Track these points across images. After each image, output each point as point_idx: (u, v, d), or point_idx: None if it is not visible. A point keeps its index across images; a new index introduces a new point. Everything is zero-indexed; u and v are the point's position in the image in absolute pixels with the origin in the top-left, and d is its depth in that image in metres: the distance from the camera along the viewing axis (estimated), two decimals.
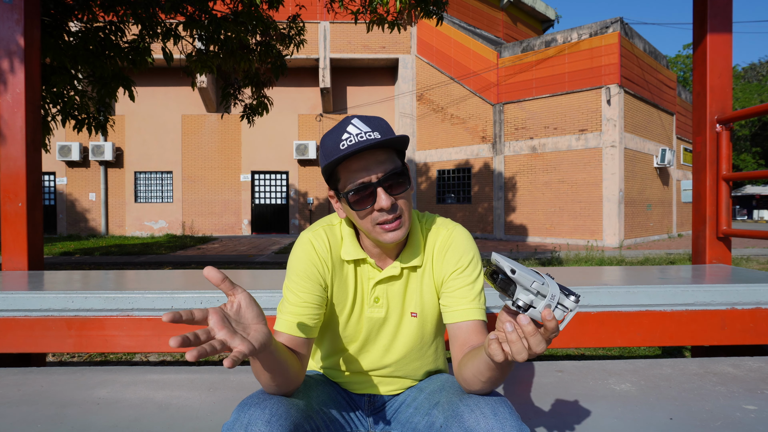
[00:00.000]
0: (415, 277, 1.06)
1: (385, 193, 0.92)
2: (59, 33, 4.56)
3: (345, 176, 0.94)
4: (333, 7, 5.53)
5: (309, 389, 1.01)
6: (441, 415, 0.91)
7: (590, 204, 12.07)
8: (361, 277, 1.05)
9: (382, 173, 0.93)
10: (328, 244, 1.03)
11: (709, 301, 1.69)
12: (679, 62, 35.45)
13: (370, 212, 0.95)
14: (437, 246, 1.05)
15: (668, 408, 1.24)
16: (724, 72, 2.44)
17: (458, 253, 1.03)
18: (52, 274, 2.16)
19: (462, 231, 1.07)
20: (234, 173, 15.95)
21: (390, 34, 10.83)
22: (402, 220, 0.96)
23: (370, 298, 1.04)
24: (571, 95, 12.34)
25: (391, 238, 0.95)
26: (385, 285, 1.04)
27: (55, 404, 1.30)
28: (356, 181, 0.93)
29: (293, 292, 1.00)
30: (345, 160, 0.92)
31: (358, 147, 0.88)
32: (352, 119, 0.94)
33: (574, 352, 3.27)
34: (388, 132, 0.95)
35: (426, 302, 1.06)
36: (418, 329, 1.06)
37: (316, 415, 0.95)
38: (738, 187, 32.38)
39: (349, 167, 0.93)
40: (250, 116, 6.32)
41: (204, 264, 8.37)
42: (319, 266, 1.02)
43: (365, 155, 0.92)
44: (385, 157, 0.94)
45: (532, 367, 1.56)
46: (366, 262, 1.04)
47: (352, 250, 1.03)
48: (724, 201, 2.39)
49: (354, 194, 0.93)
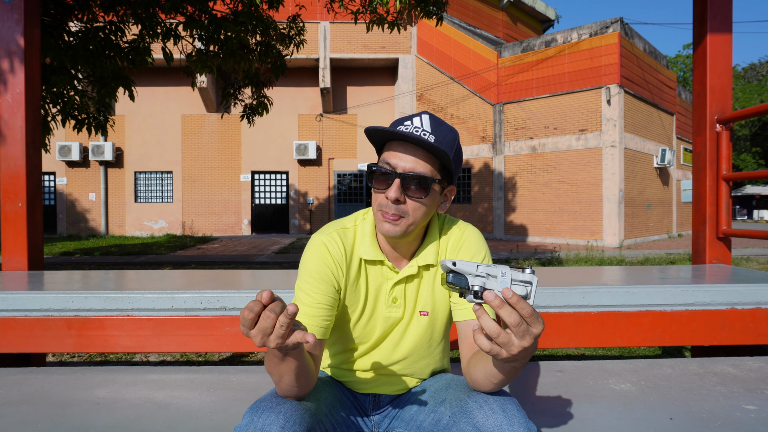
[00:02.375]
0: (428, 276, 1.06)
1: (399, 186, 0.93)
2: (59, 33, 4.56)
3: (385, 154, 0.98)
4: (333, 7, 5.53)
5: (318, 392, 1.01)
6: (448, 412, 0.91)
7: (590, 204, 12.07)
8: (375, 278, 1.05)
9: (409, 169, 0.94)
10: (342, 246, 1.03)
11: (709, 301, 1.69)
12: (679, 62, 35.44)
13: (380, 193, 0.97)
14: (450, 245, 1.07)
15: (668, 408, 1.24)
16: (724, 72, 2.44)
17: (470, 251, 1.05)
18: (52, 274, 2.16)
19: (473, 231, 1.08)
20: (234, 173, 15.95)
21: (390, 34, 10.82)
22: (402, 220, 0.96)
23: (389, 298, 1.05)
24: (571, 95, 12.33)
25: (385, 230, 0.96)
26: (403, 285, 1.05)
27: (55, 404, 1.29)
28: (386, 162, 0.96)
29: (306, 293, 0.99)
30: (394, 140, 0.97)
31: (406, 135, 0.91)
32: (425, 114, 0.97)
33: (574, 352, 3.27)
34: (444, 144, 0.94)
35: (437, 300, 1.06)
36: (428, 327, 1.07)
37: (326, 419, 0.95)
38: (738, 187, 32.37)
39: (392, 148, 0.97)
40: (250, 116, 6.32)
41: (204, 264, 8.37)
42: (333, 268, 1.01)
43: (409, 147, 0.95)
44: (426, 161, 0.95)
45: (532, 367, 1.56)
46: (383, 264, 1.05)
47: (371, 250, 1.03)
48: (724, 201, 2.39)
49: (378, 170, 0.96)
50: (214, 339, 1.65)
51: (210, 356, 3.23)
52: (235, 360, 3.15)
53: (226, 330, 1.65)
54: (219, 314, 1.65)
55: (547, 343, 1.69)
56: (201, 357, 3.21)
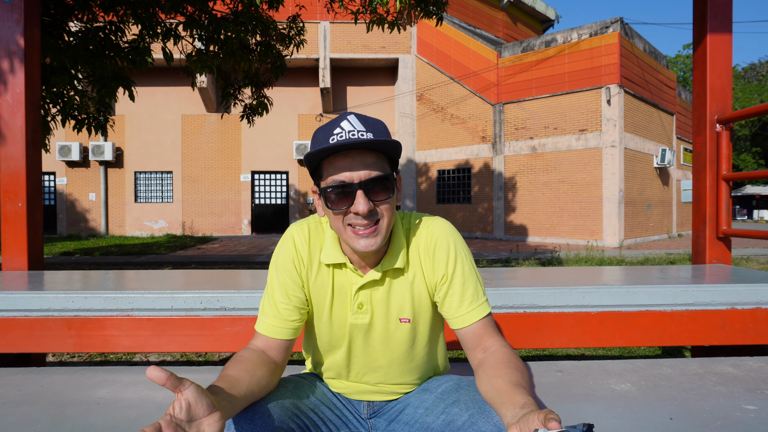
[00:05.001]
0: (401, 282, 1.01)
1: (364, 197, 0.88)
2: (59, 33, 4.56)
3: (327, 172, 0.90)
4: (333, 7, 5.53)
5: (300, 389, 1.00)
6: (465, 413, 0.89)
7: (590, 204, 12.07)
8: (341, 281, 1.01)
9: (365, 176, 0.88)
10: (308, 240, 1.01)
11: (709, 301, 1.69)
12: (679, 62, 35.44)
13: (345, 213, 0.90)
14: (422, 247, 1.01)
15: (668, 408, 1.24)
16: (724, 72, 2.44)
17: (444, 255, 1.00)
18: (52, 274, 2.16)
19: (443, 228, 1.02)
20: (234, 173, 15.95)
21: (390, 34, 10.83)
22: (378, 227, 0.91)
23: (354, 304, 1.00)
24: (571, 95, 12.33)
25: (363, 246, 0.91)
26: (369, 290, 1.00)
27: (55, 404, 1.29)
28: (337, 180, 0.89)
29: (272, 289, 1.00)
30: (331, 155, 0.89)
31: (346, 143, 0.84)
32: (349, 115, 0.91)
33: (574, 352, 3.27)
34: (384, 135, 0.91)
35: (420, 307, 1.02)
36: (410, 334, 1.03)
37: (304, 415, 0.94)
38: (738, 187, 32.36)
39: (334, 163, 0.89)
40: (250, 116, 6.32)
41: (204, 264, 8.37)
42: (296, 262, 1.00)
43: (352, 154, 0.88)
44: (374, 160, 0.90)
45: (533, 367, 1.55)
46: (346, 267, 1.00)
47: (332, 253, 0.99)
48: (724, 201, 2.39)
49: (332, 191, 0.89)
50: (214, 339, 1.65)
51: (210, 356, 3.23)
52: None
53: (226, 330, 1.65)
54: (219, 314, 1.65)
55: (547, 343, 1.69)
56: (201, 357, 3.21)
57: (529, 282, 1.85)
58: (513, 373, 0.85)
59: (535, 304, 1.68)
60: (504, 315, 1.67)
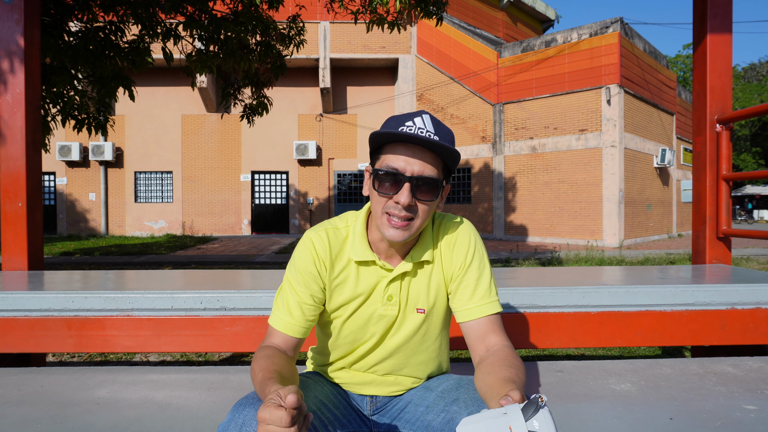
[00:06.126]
0: (423, 273, 1.06)
1: (409, 191, 0.92)
2: (59, 33, 4.55)
3: (386, 156, 0.95)
4: (333, 7, 5.53)
5: (306, 389, 1.01)
6: (464, 411, 0.91)
7: (590, 204, 12.07)
8: (369, 277, 1.04)
9: (418, 172, 0.93)
10: (329, 245, 1.03)
11: (709, 301, 1.69)
12: (679, 62, 35.43)
13: (385, 197, 0.95)
14: (444, 241, 1.06)
15: (668, 408, 1.24)
16: (724, 72, 2.44)
17: (464, 248, 1.05)
18: (52, 274, 2.16)
19: (466, 227, 1.08)
20: (234, 173, 15.95)
21: (390, 34, 10.82)
22: (411, 224, 0.96)
23: (384, 296, 1.04)
24: (571, 95, 12.33)
25: (391, 235, 0.95)
26: (398, 282, 1.04)
27: (55, 404, 1.29)
28: (392, 166, 0.93)
29: (293, 289, 1.01)
30: (394, 141, 0.94)
31: (412, 136, 0.89)
32: (424, 114, 0.95)
33: (574, 352, 3.27)
34: (449, 143, 0.96)
35: (436, 298, 1.06)
36: (423, 325, 1.06)
37: (314, 415, 0.95)
38: (738, 187, 32.36)
39: (395, 150, 0.94)
40: (250, 116, 6.32)
41: (204, 264, 8.37)
42: (319, 265, 1.02)
43: (414, 148, 0.93)
44: (431, 161, 0.94)
45: (533, 367, 1.55)
46: (375, 264, 1.04)
47: (361, 251, 1.03)
48: (724, 201, 2.39)
49: (384, 175, 0.94)
50: (214, 339, 1.65)
51: (210, 356, 3.23)
52: (235, 360, 3.15)
53: (226, 330, 1.65)
54: (219, 314, 1.65)
55: (547, 343, 1.69)
56: (201, 357, 3.21)
57: (529, 282, 1.85)
58: (507, 370, 0.86)
59: (535, 304, 1.68)
60: (504, 315, 1.67)
